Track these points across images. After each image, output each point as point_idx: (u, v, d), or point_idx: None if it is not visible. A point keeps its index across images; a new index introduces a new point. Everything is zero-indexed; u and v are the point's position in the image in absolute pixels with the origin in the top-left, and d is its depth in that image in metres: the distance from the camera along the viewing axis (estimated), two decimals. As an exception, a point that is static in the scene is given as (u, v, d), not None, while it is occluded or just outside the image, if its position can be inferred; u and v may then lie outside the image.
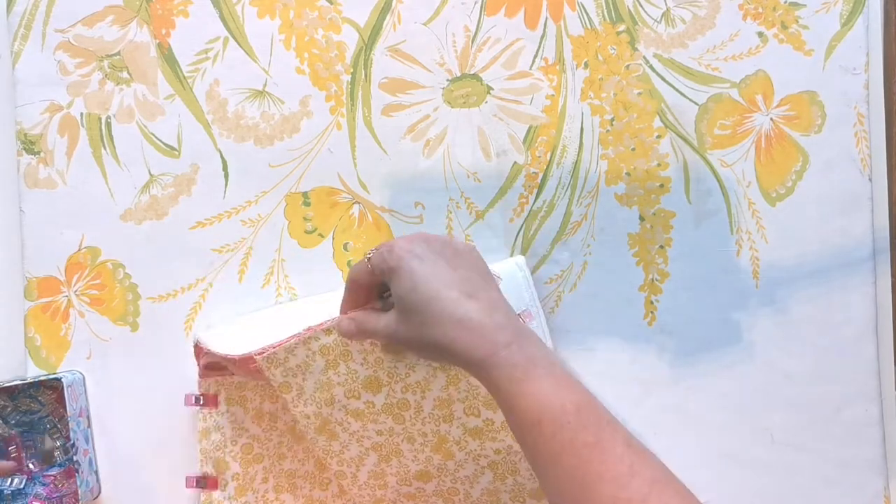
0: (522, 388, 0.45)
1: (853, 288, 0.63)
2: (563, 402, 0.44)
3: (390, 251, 0.49)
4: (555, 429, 0.44)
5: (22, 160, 0.64)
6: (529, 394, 0.45)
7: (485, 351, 0.46)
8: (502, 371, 0.45)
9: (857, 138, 0.63)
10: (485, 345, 0.46)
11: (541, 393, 0.45)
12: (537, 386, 0.45)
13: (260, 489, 0.63)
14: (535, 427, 0.44)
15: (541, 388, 0.45)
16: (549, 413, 0.44)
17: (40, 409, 0.64)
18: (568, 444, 0.43)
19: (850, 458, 0.63)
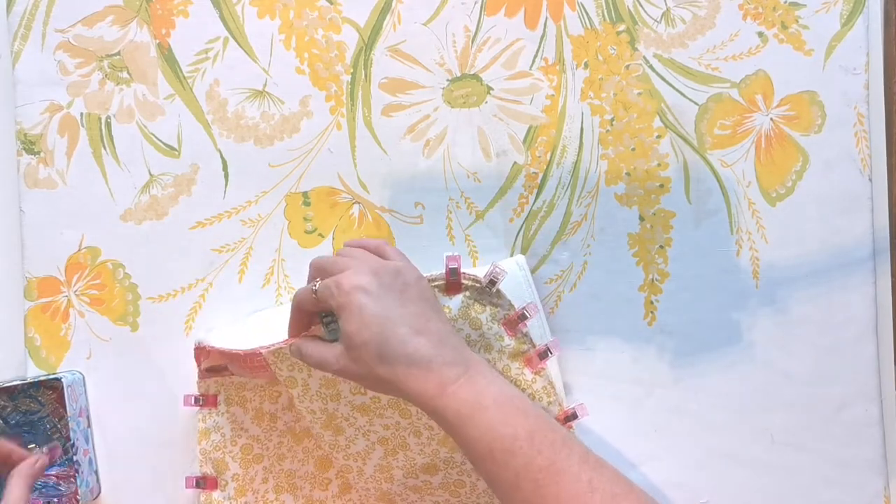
0: (471, 420, 0.46)
1: (853, 288, 0.63)
2: (514, 430, 0.45)
3: (338, 286, 0.49)
4: (507, 457, 0.45)
5: (22, 160, 0.64)
6: (478, 425, 0.46)
7: (433, 389, 0.46)
8: (452, 406, 0.46)
9: (857, 138, 0.63)
10: (433, 383, 0.47)
11: (490, 423, 0.46)
12: (486, 417, 0.46)
13: (260, 489, 0.63)
14: (488, 457, 0.45)
15: (489, 419, 0.46)
16: (499, 442, 0.45)
17: (40, 409, 0.64)
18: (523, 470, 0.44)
19: (850, 458, 0.63)
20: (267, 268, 0.64)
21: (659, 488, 0.64)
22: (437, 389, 0.46)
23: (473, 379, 0.47)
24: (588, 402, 0.64)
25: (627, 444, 0.64)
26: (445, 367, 0.47)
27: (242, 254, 0.64)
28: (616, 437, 0.64)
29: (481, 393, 0.47)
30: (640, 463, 0.63)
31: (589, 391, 0.64)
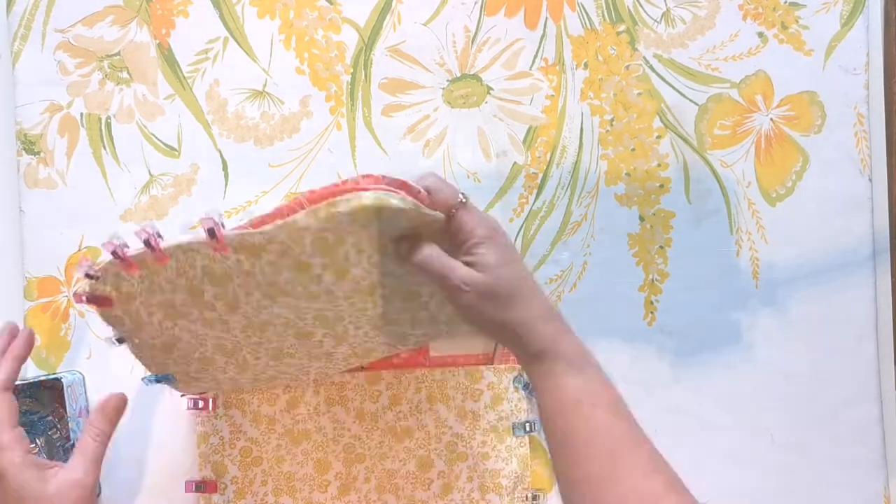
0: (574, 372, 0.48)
1: (853, 288, 0.63)
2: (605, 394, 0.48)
3: (487, 220, 0.49)
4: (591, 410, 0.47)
5: (22, 160, 0.64)
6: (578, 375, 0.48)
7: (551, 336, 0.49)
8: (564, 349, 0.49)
9: (857, 138, 0.63)
10: (551, 331, 0.49)
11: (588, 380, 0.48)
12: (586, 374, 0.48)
13: (259, 492, 0.63)
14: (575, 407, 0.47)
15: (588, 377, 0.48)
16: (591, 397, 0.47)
17: (40, 409, 0.64)
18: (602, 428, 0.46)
19: (850, 458, 0.63)
20: (267, 268, 0.64)
21: (659, 488, 0.64)
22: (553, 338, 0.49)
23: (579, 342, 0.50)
24: (588, 402, 0.64)
25: (628, 445, 0.64)
26: (559, 322, 0.50)
27: (242, 254, 0.64)
28: (616, 438, 0.64)
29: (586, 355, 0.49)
30: (641, 463, 0.63)
31: (589, 391, 0.64)
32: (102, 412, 0.53)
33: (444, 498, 0.63)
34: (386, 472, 0.63)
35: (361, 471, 0.63)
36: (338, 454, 0.63)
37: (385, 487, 0.63)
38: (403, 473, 0.63)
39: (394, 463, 0.63)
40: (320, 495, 0.63)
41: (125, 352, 0.64)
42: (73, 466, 0.50)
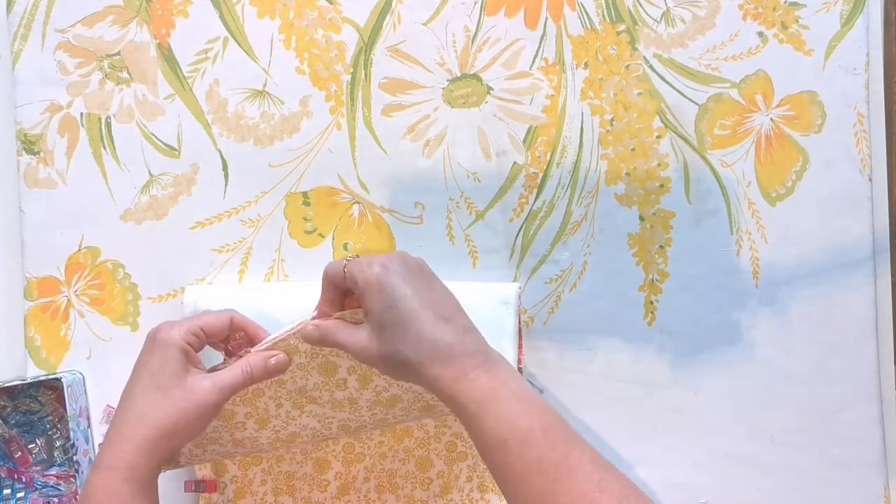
0: (489, 409, 0.46)
1: (853, 288, 0.63)
2: (531, 423, 0.45)
3: (370, 265, 0.49)
4: (522, 449, 0.45)
5: (22, 160, 0.64)
6: (496, 415, 0.46)
7: (454, 374, 0.46)
8: (470, 394, 0.46)
9: (857, 138, 0.63)
10: (455, 368, 0.47)
11: (507, 414, 0.46)
12: (504, 407, 0.46)
13: (259, 491, 0.63)
14: (502, 447, 0.45)
15: (507, 410, 0.46)
16: (515, 433, 0.45)
17: (40, 409, 0.64)
18: (535, 463, 0.44)
19: (850, 458, 0.63)
20: (267, 268, 0.64)
21: (659, 488, 0.64)
22: (458, 375, 0.46)
23: (493, 370, 0.47)
24: (588, 402, 0.64)
25: (627, 444, 0.64)
26: (467, 354, 0.47)
27: (242, 254, 0.64)
28: (616, 437, 0.64)
29: (501, 384, 0.47)
30: (641, 463, 0.63)
31: (589, 391, 0.64)
32: (265, 361, 0.53)
33: (444, 497, 0.63)
34: (385, 471, 0.63)
35: (361, 470, 0.63)
36: (337, 454, 0.63)
37: (385, 487, 0.63)
38: (403, 473, 0.63)
39: (393, 463, 0.63)
40: (320, 495, 0.63)
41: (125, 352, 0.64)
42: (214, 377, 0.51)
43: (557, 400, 0.64)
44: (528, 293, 0.64)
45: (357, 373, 0.54)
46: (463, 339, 0.48)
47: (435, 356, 0.47)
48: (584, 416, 0.64)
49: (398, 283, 0.48)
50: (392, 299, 0.48)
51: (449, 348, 0.47)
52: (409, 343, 0.47)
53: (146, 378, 0.50)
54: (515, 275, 0.64)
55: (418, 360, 0.47)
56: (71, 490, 0.63)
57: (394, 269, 0.49)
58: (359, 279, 0.49)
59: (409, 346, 0.47)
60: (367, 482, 0.63)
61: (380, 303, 0.48)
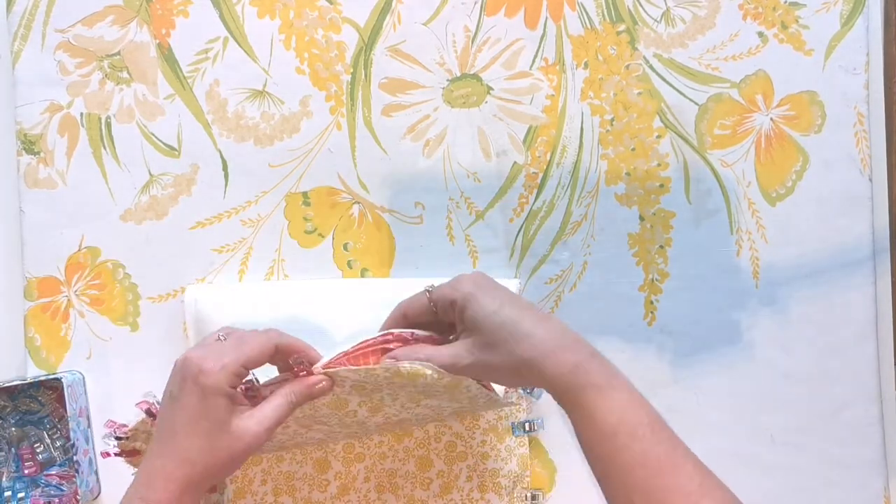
0: (604, 398, 0.46)
1: (853, 288, 0.63)
2: (640, 416, 0.46)
3: (459, 281, 0.50)
4: (630, 440, 0.45)
5: (22, 160, 0.64)
6: (609, 404, 0.46)
7: (570, 365, 0.47)
8: (587, 380, 0.47)
9: (857, 138, 0.63)
10: (572, 357, 0.47)
11: (620, 404, 0.46)
12: (617, 397, 0.46)
13: (259, 491, 0.63)
14: (611, 437, 0.46)
15: (620, 399, 0.46)
16: (626, 424, 0.46)
17: (40, 409, 0.64)
18: (641, 456, 0.45)
19: (850, 458, 0.63)
20: (267, 268, 0.64)
21: (659, 488, 0.64)
22: (574, 366, 0.47)
23: (602, 361, 0.48)
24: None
25: (627, 444, 0.64)
26: (577, 344, 0.48)
27: (242, 254, 0.64)
28: (616, 437, 0.64)
29: (611, 374, 0.48)
30: (640, 463, 0.63)
31: (589, 391, 0.64)
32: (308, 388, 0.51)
33: (444, 497, 0.63)
34: (385, 471, 0.63)
35: (361, 470, 0.63)
36: (337, 454, 0.63)
37: (385, 487, 0.63)
38: (403, 473, 0.63)
39: (393, 462, 0.63)
40: (320, 495, 0.63)
41: (125, 352, 0.64)
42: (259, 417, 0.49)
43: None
44: (528, 293, 0.64)
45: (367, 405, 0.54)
46: (567, 330, 0.49)
47: (550, 348, 0.47)
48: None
49: (494, 292, 0.49)
50: (495, 305, 0.48)
51: (562, 339, 0.48)
52: (523, 343, 0.47)
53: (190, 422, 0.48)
54: (516, 274, 0.64)
55: (538, 356, 0.47)
56: (71, 490, 0.63)
57: (482, 281, 0.50)
58: (454, 297, 0.49)
59: (525, 345, 0.47)
60: (367, 482, 0.63)
61: (482, 311, 0.48)
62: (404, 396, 0.52)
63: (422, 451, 0.63)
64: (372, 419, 0.55)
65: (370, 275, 0.64)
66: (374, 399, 0.53)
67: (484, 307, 0.48)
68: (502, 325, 0.47)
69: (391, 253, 0.64)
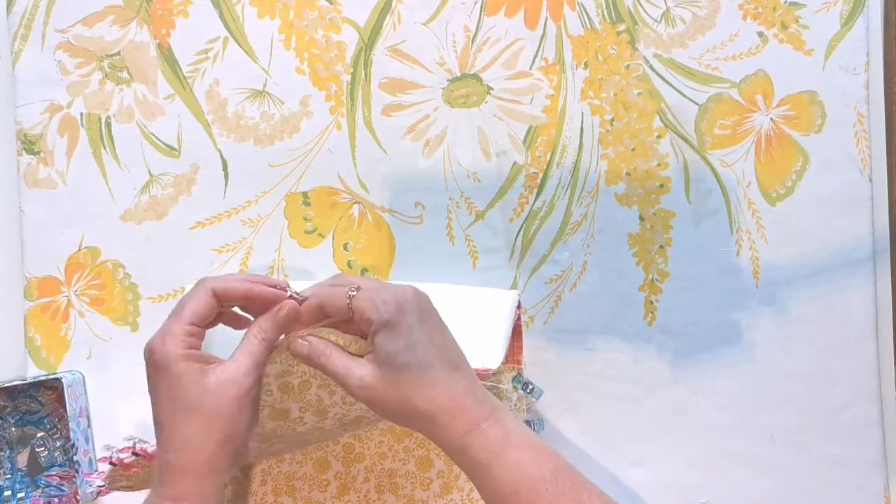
0: (500, 459, 0.45)
1: (853, 288, 0.63)
2: (541, 470, 0.45)
3: (385, 303, 0.46)
4: (532, 497, 0.44)
5: (22, 160, 0.64)
6: (507, 464, 0.45)
7: (466, 426, 0.45)
8: (482, 444, 0.45)
9: (857, 138, 0.63)
10: (467, 419, 0.45)
11: (518, 462, 0.45)
12: (515, 456, 0.45)
13: (258, 492, 0.63)
14: (512, 497, 0.45)
15: (518, 458, 0.45)
16: (526, 482, 0.44)
17: (40, 409, 0.64)
18: None
19: (850, 458, 0.63)
20: (267, 268, 0.64)
21: (659, 488, 0.64)
22: (469, 427, 0.45)
23: (501, 419, 0.46)
24: (588, 402, 0.64)
25: (627, 444, 0.64)
26: (477, 405, 0.46)
27: (242, 254, 0.64)
28: (616, 437, 0.64)
29: (510, 433, 0.46)
30: (641, 463, 0.63)
31: (589, 391, 0.64)
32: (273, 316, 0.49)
33: (444, 497, 0.63)
34: (385, 471, 0.63)
35: (361, 470, 0.63)
36: (337, 454, 0.63)
37: (385, 487, 0.63)
38: (403, 473, 0.63)
39: (393, 462, 0.63)
40: (320, 495, 0.63)
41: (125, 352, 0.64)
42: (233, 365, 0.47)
43: (557, 400, 0.64)
44: (528, 293, 0.64)
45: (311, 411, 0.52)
46: (473, 389, 0.47)
47: (449, 407, 0.45)
48: (584, 416, 0.64)
49: (416, 326, 0.46)
50: (410, 342, 0.45)
51: (462, 399, 0.46)
52: (424, 391, 0.45)
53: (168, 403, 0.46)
54: (515, 274, 0.64)
55: (432, 409, 0.45)
56: (71, 490, 0.63)
57: (410, 310, 0.46)
58: (373, 318, 0.46)
59: (425, 395, 0.45)
60: (367, 482, 0.63)
61: (396, 344, 0.45)
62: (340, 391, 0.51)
63: (422, 451, 0.63)
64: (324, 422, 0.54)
65: (370, 275, 0.64)
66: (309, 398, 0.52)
67: (395, 343, 0.45)
68: (406, 369, 0.45)
69: (391, 253, 0.64)
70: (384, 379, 0.46)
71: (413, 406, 0.45)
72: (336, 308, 0.48)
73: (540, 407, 0.64)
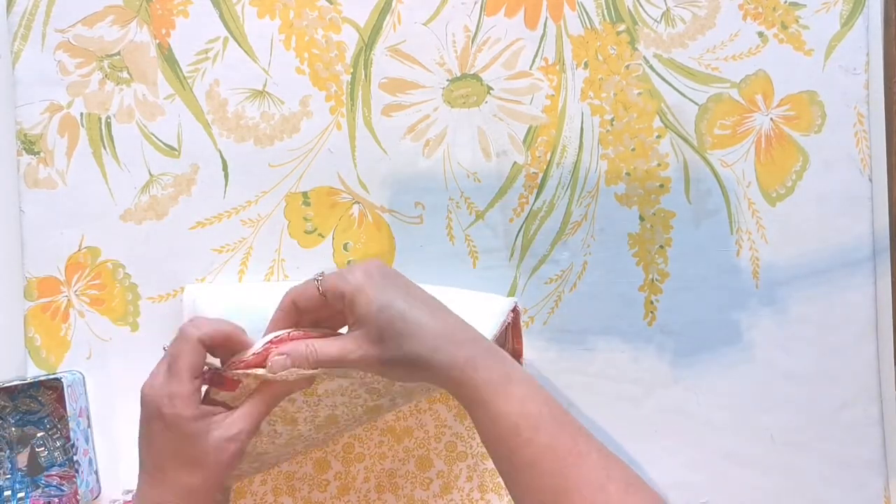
0: (502, 392, 0.45)
1: (853, 288, 0.63)
2: (541, 409, 0.45)
3: (351, 273, 0.47)
4: (532, 434, 0.44)
5: (22, 160, 0.64)
6: (508, 398, 0.45)
7: (465, 358, 0.46)
8: (482, 376, 0.45)
9: (857, 138, 0.63)
10: (464, 352, 0.46)
11: (519, 398, 0.45)
12: (516, 390, 0.45)
13: (258, 492, 0.63)
14: (512, 433, 0.45)
15: (519, 393, 0.45)
16: (527, 417, 0.45)
17: (40, 409, 0.64)
18: (545, 447, 0.44)
19: (850, 458, 0.63)
20: (267, 268, 0.64)
21: (659, 488, 0.64)
22: (468, 358, 0.46)
23: (499, 355, 0.47)
24: (588, 402, 0.64)
25: (627, 444, 0.64)
26: (473, 340, 0.47)
27: (242, 254, 0.64)
28: (616, 437, 0.64)
29: (510, 368, 0.46)
30: (640, 463, 0.63)
31: (589, 391, 0.64)
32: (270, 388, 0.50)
33: (444, 497, 0.63)
34: (385, 471, 0.63)
35: (361, 470, 0.63)
36: (337, 454, 0.63)
37: (384, 487, 0.63)
38: (403, 473, 0.63)
39: (393, 463, 0.63)
40: (320, 495, 0.63)
41: (125, 352, 0.64)
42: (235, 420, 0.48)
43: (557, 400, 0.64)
44: (528, 293, 0.64)
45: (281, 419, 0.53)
46: (464, 325, 0.48)
47: (441, 343, 0.46)
48: (584, 416, 0.64)
49: (386, 284, 0.47)
50: (385, 298, 0.46)
51: (454, 334, 0.46)
52: (413, 337, 0.46)
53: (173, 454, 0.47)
54: (515, 274, 0.64)
55: (426, 350, 0.46)
56: (71, 490, 0.63)
57: (375, 273, 0.47)
58: (344, 289, 0.47)
59: (414, 340, 0.46)
60: (367, 482, 0.63)
61: (371, 305, 0.46)
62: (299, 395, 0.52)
63: (422, 451, 0.63)
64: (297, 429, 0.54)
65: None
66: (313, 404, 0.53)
67: (373, 301, 0.46)
68: (391, 321, 0.46)
69: (391, 253, 0.64)
70: (373, 341, 0.46)
71: (408, 353, 0.46)
72: (308, 297, 0.49)
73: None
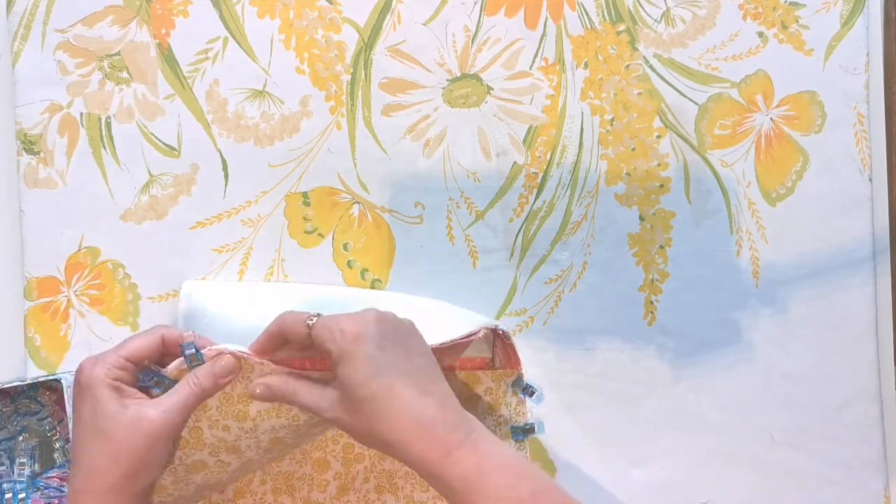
0: (476, 486, 0.44)
1: (853, 288, 0.63)
2: (519, 493, 0.44)
3: (342, 331, 0.46)
4: None
5: (22, 160, 0.64)
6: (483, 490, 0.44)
7: (438, 453, 0.45)
8: (455, 472, 0.45)
9: (857, 138, 0.63)
10: (438, 446, 0.45)
11: (495, 489, 0.44)
12: (492, 482, 0.44)
13: (258, 491, 0.63)
14: None
15: (495, 484, 0.44)
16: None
17: (40, 410, 0.64)
18: None
19: (850, 458, 0.63)
20: (267, 268, 0.64)
21: (659, 488, 0.64)
22: (441, 454, 0.45)
23: (477, 444, 0.46)
24: (588, 402, 0.64)
25: (627, 444, 0.64)
26: (449, 431, 0.45)
27: (242, 254, 0.64)
28: (616, 437, 0.64)
29: (486, 458, 0.45)
30: (641, 463, 0.64)
31: (589, 391, 0.64)
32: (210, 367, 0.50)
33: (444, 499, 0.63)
34: (385, 471, 0.63)
35: (361, 470, 0.63)
36: (337, 454, 0.63)
37: (384, 487, 0.63)
38: (403, 473, 0.63)
39: (393, 463, 0.63)
40: (320, 495, 0.63)
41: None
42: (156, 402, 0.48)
43: (557, 400, 0.64)
44: (528, 293, 0.64)
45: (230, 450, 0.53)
46: (444, 413, 0.46)
47: (416, 436, 0.45)
48: (584, 416, 0.64)
49: (375, 355, 0.45)
50: (368, 373, 0.45)
51: (431, 426, 0.45)
52: (388, 421, 0.45)
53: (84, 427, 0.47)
54: (515, 274, 0.64)
55: (398, 439, 0.45)
56: (71, 490, 0.62)
57: (369, 337, 0.46)
58: (332, 349, 0.46)
59: (388, 425, 0.45)
60: (367, 482, 0.63)
61: (354, 376, 0.45)
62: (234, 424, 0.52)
63: (422, 451, 0.63)
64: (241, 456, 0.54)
65: (370, 275, 0.64)
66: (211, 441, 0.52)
67: (356, 372, 0.45)
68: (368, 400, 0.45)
69: (391, 253, 0.64)
70: (348, 409, 0.46)
71: (381, 437, 0.45)
72: (296, 335, 0.49)
73: (540, 407, 0.64)
